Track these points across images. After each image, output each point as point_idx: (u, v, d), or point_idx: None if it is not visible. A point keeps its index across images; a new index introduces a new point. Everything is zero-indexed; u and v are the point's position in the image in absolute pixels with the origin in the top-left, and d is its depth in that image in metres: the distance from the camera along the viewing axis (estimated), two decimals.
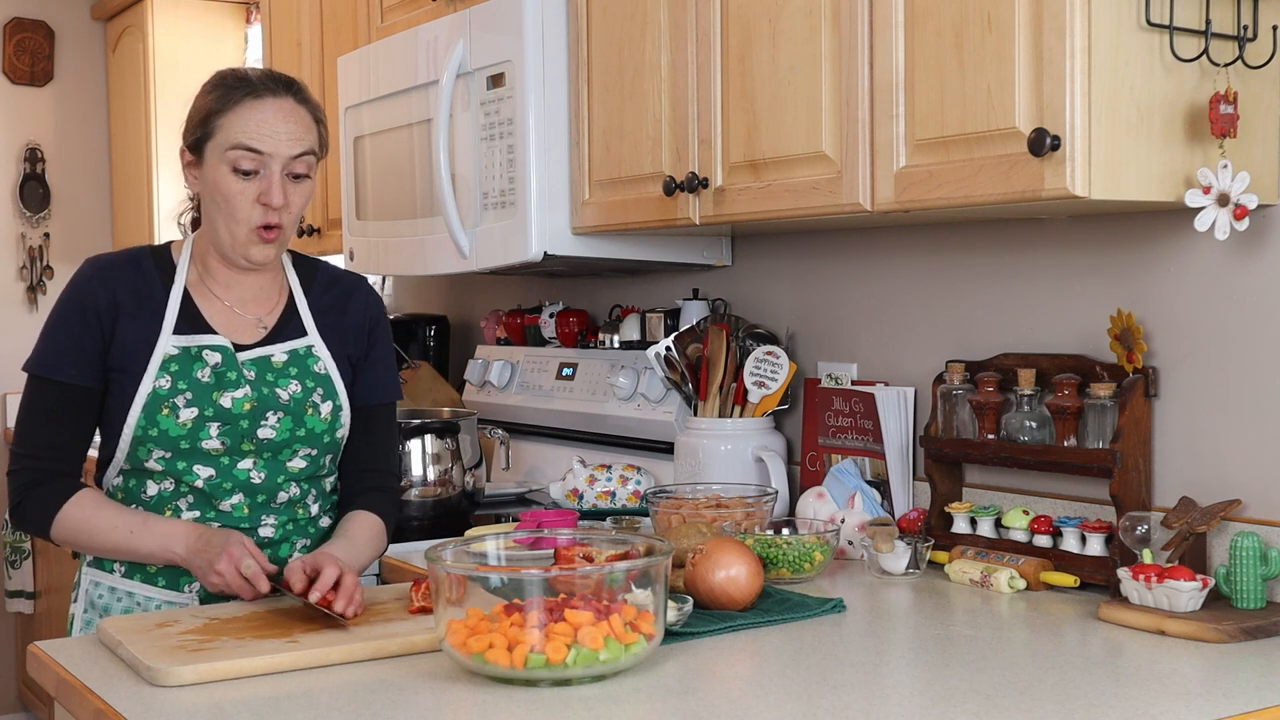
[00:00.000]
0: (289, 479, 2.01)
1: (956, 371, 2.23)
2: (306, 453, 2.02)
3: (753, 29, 2.19)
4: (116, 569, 2.00)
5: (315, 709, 1.46)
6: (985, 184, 1.81)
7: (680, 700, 1.49)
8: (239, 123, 1.92)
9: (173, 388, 1.94)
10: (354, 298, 2.12)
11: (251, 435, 1.96)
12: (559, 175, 2.63)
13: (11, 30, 5.11)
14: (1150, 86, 1.77)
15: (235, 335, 2.01)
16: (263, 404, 1.97)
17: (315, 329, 2.06)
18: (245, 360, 1.98)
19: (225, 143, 1.92)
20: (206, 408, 1.94)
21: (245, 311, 2.03)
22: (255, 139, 1.92)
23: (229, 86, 1.96)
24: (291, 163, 1.94)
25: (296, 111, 1.96)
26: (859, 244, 2.53)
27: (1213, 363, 1.97)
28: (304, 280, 2.10)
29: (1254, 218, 1.87)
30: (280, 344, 2.02)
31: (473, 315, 3.78)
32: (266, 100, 1.94)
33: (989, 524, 2.17)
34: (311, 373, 2.02)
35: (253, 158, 1.92)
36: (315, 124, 2.00)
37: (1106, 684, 1.53)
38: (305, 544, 2.05)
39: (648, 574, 1.56)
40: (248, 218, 1.94)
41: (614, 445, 2.99)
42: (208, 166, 1.95)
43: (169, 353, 1.95)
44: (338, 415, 2.04)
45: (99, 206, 5.32)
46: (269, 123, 1.93)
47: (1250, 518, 1.92)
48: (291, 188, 1.96)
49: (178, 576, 1.98)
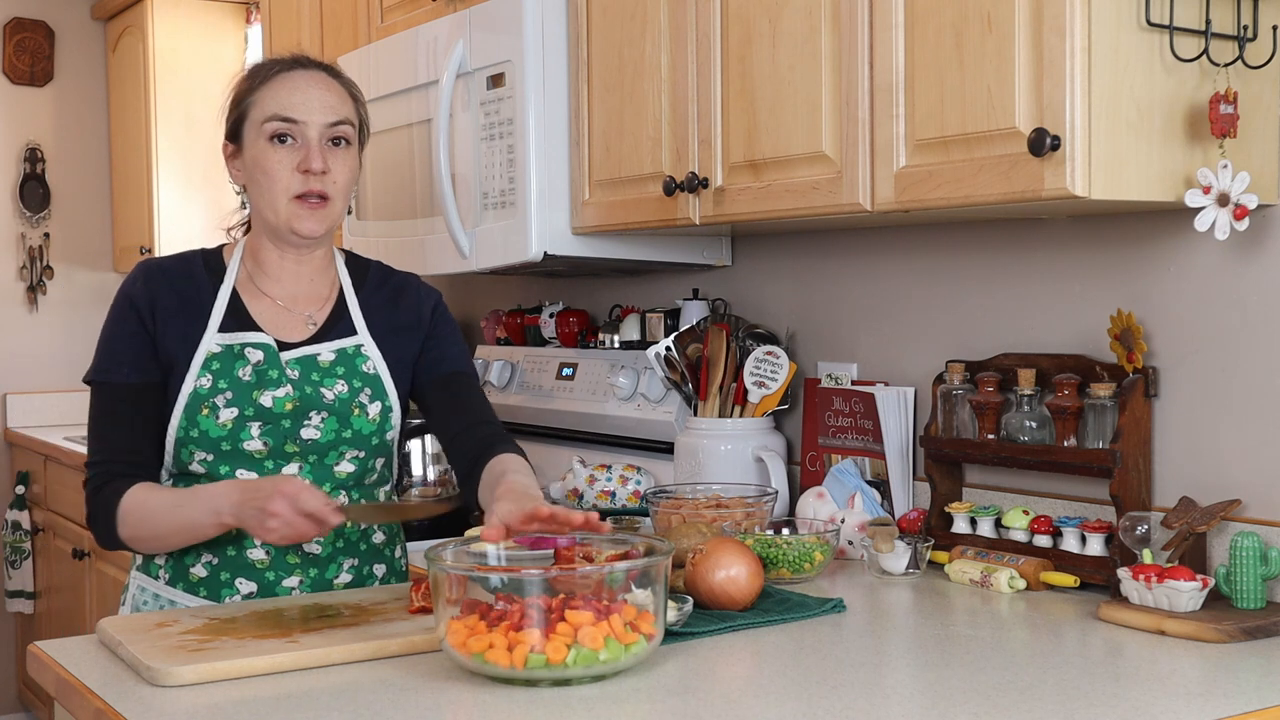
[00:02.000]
0: (336, 486, 1.96)
1: (956, 371, 2.23)
2: (354, 455, 1.97)
3: (753, 29, 2.19)
4: (161, 575, 1.97)
5: (315, 709, 1.46)
6: (985, 184, 1.81)
7: (680, 700, 1.49)
8: (272, 95, 1.93)
9: (213, 387, 1.91)
10: (405, 295, 2.08)
11: (295, 436, 1.93)
12: (559, 175, 2.63)
13: (11, 30, 5.11)
14: (1150, 86, 1.77)
15: (282, 333, 1.98)
16: (305, 403, 1.93)
17: (365, 328, 2.02)
18: (289, 359, 1.95)
19: (260, 116, 1.93)
20: (246, 407, 1.91)
21: (295, 308, 2.01)
22: (289, 108, 1.91)
23: (261, 68, 1.98)
24: (329, 130, 1.93)
25: (330, 83, 1.97)
26: (859, 244, 2.53)
27: (1213, 363, 1.97)
28: (356, 279, 2.07)
29: (1254, 218, 1.87)
30: (328, 342, 1.99)
31: (473, 315, 3.78)
32: (298, 73, 1.95)
33: (989, 524, 2.17)
34: (360, 372, 1.99)
35: (288, 126, 1.91)
36: (352, 99, 1.99)
37: (1106, 684, 1.53)
38: (354, 563, 2.00)
39: (648, 574, 1.56)
40: (287, 186, 1.92)
41: (614, 445, 2.99)
42: (247, 146, 1.95)
43: (211, 350, 1.93)
44: (387, 416, 1.99)
45: (99, 206, 5.32)
46: (301, 90, 1.93)
47: (1250, 518, 1.92)
48: (332, 154, 1.93)
49: (218, 587, 1.94)
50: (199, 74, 4.99)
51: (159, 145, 4.92)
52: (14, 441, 5.02)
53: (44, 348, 5.11)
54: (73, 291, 5.21)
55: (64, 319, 5.16)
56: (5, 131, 5.14)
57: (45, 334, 5.15)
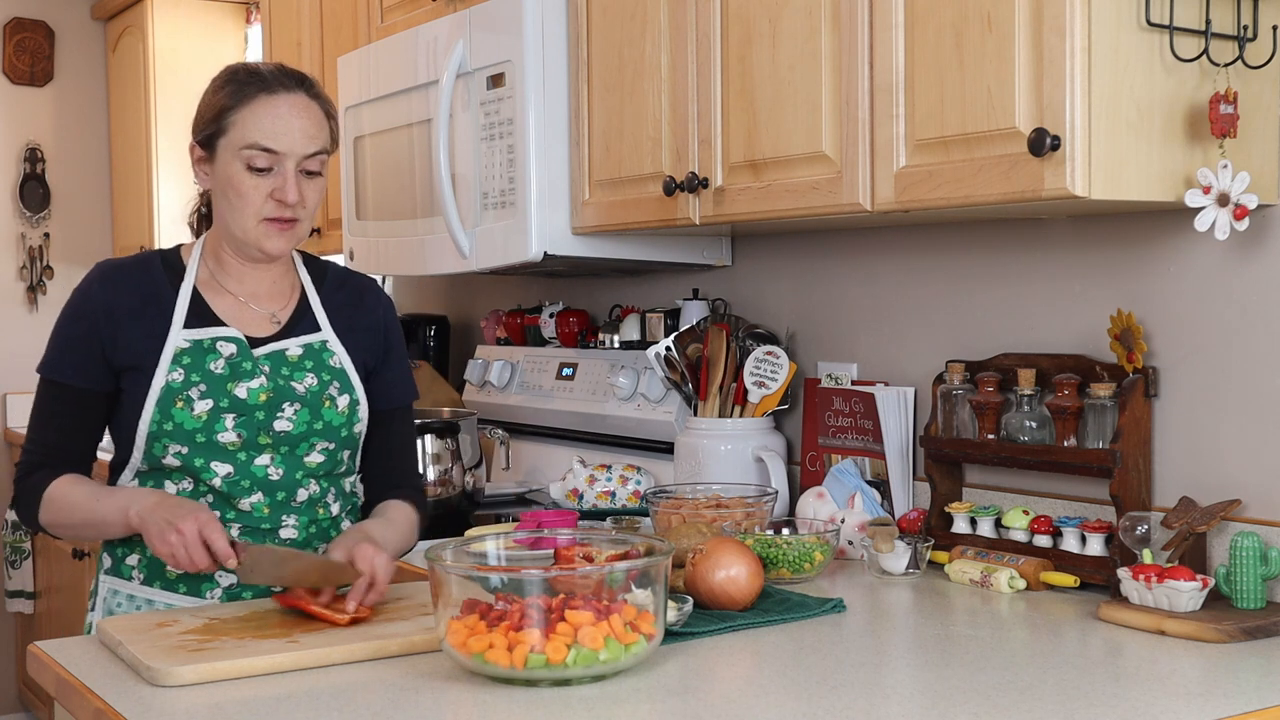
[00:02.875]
0: (307, 475, 2.00)
1: (956, 371, 2.23)
2: (324, 446, 2.00)
3: (753, 29, 2.19)
4: (135, 576, 1.99)
5: (315, 709, 1.46)
6: (985, 184, 1.81)
7: (680, 700, 1.49)
8: (253, 120, 1.92)
9: (186, 380, 1.93)
10: (366, 298, 2.12)
11: (268, 427, 1.95)
12: (559, 175, 2.63)
13: (11, 30, 5.11)
14: (1150, 86, 1.77)
15: (247, 328, 2.00)
16: (279, 395, 1.96)
17: (329, 325, 2.05)
18: (260, 354, 1.98)
19: (239, 141, 1.92)
20: (222, 399, 1.93)
21: (258, 305, 2.03)
22: (270, 138, 1.91)
23: (241, 82, 1.95)
24: (305, 160, 1.94)
25: (310, 108, 1.96)
26: (859, 244, 2.53)
27: (1213, 363, 1.97)
28: (315, 278, 2.10)
29: (1254, 218, 1.87)
30: (294, 338, 2.02)
31: (473, 315, 3.78)
32: (280, 96, 1.93)
33: (989, 524, 2.17)
34: (327, 366, 2.02)
35: (267, 156, 1.92)
36: (327, 119, 1.99)
37: (1106, 684, 1.53)
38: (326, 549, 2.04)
39: (648, 574, 1.56)
40: (259, 210, 1.93)
41: (614, 445, 2.99)
42: (220, 163, 1.95)
43: (180, 346, 1.95)
44: (355, 409, 2.03)
45: (99, 206, 5.32)
46: (283, 120, 1.92)
47: (1250, 518, 1.92)
48: (305, 184, 1.95)
49: (199, 582, 1.97)
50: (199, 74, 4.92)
51: (159, 145, 4.92)
52: (14, 441, 5.02)
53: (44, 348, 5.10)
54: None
55: None
56: (5, 131, 5.14)
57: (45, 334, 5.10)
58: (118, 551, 2.02)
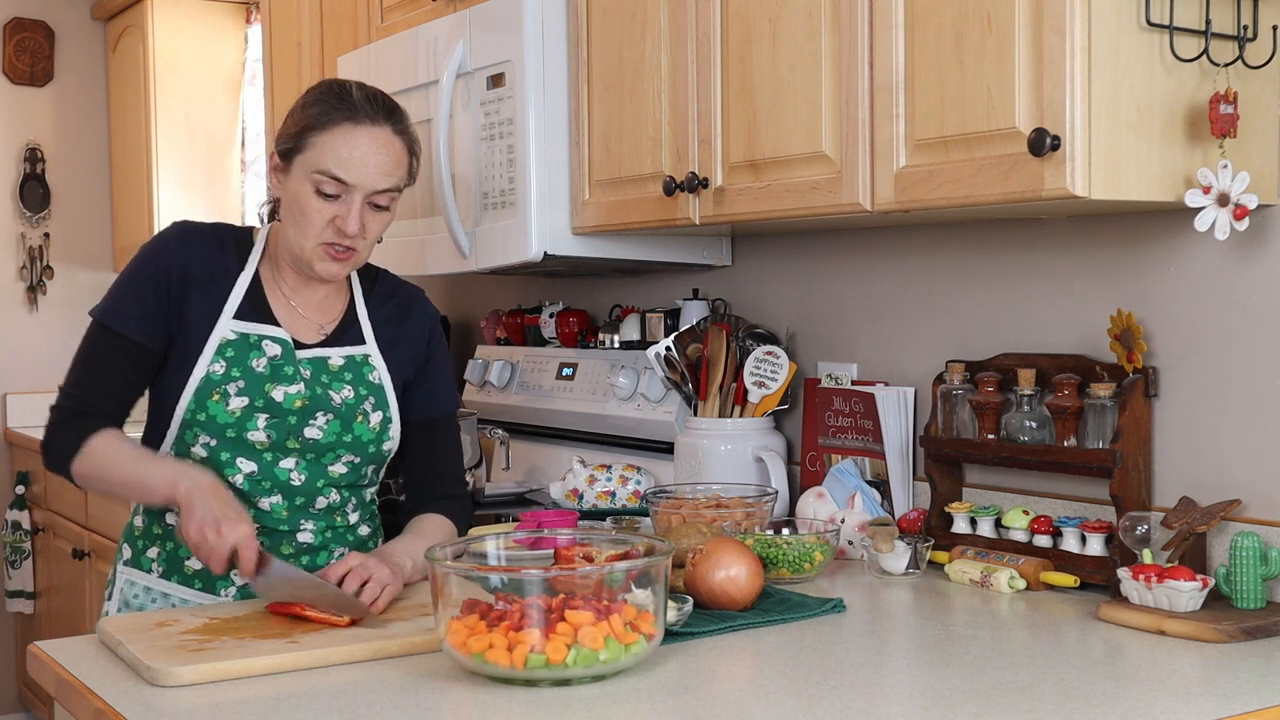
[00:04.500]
0: (329, 484, 2.00)
1: (956, 371, 2.23)
2: (350, 459, 2.00)
3: (753, 29, 2.19)
4: (154, 569, 2.00)
5: (315, 709, 1.46)
6: (985, 184, 1.81)
7: (680, 700, 1.49)
8: (331, 147, 1.90)
9: (225, 374, 1.93)
10: (412, 310, 2.12)
11: (298, 433, 1.96)
12: (559, 175, 2.63)
13: (11, 30, 5.11)
14: (1150, 86, 1.77)
15: (297, 333, 2.01)
16: (314, 403, 1.96)
17: (373, 339, 2.05)
18: (303, 359, 1.98)
19: (314, 164, 1.91)
20: (258, 398, 1.94)
21: (308, 314, 2.03)
22: (343, 168, 1.90)
23: (330, 104, 1.93)
24: (375, 195, 1.93)
25: (391, 144, 1.94)
26: (859, 244, 2.53)
27: (1213, 363, 1.97)
28: (365, 288, 2.10)
29: (1254, 218, 1.87)
30: (338, 348, 2.02)
31: (473, 315, 3.78)
32: (363, 129, 1.91)
33: (989, 524, 2.17)
34: (366, 381, 2.02)
35: (337, 185, 1.91)
36: (409, 156, 1.98)
37: (1106, 684, 1.53)
38: (343, 551, 2.03)
39: (648, 574, 1.56)
40: (320, 233, 1.93)
41: (614, 445, 2.99)
42: (293, 179, 1.94)
43: (226, 337, 1.95)
44: (386, 427, 2.03)
45: (99, 206, 5.32)
46: (360, 152, 1.90)
47: (1250, 518, 1.92)
48: (370, 216, 1.94)
49: (214, 580, 1.98)
50: (199, 74, 5.00)
51: (159, 145, 4.92)
52: (14, 441, 5.02)
53: (44, 348, 5.10)
54: (73, 291, 5.21)
55: (64, 319, 5.15)
56: (5, 131, 5.14)
57: (45, 334, 5.15)
58: (139, 544, 2.02)
